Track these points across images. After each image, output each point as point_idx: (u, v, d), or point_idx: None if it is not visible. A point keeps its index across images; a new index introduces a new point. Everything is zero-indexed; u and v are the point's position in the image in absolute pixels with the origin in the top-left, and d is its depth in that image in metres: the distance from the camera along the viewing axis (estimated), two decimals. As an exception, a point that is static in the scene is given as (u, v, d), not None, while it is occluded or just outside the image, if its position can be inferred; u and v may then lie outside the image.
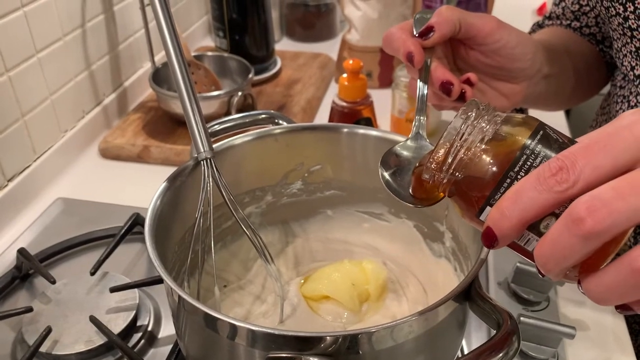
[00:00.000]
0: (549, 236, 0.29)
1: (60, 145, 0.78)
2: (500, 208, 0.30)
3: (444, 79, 0.48)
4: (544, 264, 0.30)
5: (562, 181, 0.28)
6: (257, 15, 0.97)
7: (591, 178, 0.28)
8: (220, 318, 0.36)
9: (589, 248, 0.28)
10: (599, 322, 0.57)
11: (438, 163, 0.34)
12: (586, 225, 0.27)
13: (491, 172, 0.32)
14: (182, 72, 0.47)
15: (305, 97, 0.93)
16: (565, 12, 0.71)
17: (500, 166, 0.32)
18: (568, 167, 0.28)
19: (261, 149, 0.52)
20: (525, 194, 0.29)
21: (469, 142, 0.33)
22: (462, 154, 0.33)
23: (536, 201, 0.29)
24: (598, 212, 0.27)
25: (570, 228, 0.28)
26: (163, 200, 0.45)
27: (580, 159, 0.28)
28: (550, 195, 0.29)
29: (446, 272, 0.51)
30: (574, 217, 0.28)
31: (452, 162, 0.33)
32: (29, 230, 0.68)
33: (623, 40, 0.58)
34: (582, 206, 0.27)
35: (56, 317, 0.54)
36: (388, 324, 0.35)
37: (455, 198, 0.35)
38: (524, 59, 0.54)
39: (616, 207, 0.27)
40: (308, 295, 0.50)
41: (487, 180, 0.32)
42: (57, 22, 0.75)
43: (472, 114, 0.33)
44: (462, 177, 0.33)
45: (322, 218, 0.58)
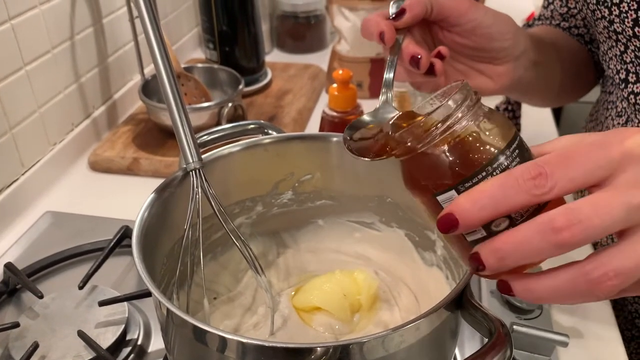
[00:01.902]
0: (519, 235, 0.30)
1: (49, 158, 0.77)
2: (472, 198, 0.31)
3: (413, 52, 0.50)
4: (501, 258, 0.31)
5: (540, 186, 0.30)
6: (247, 27, 0.97)
7: (565, 188, 0.30)
8: (210, 331, 0.35)
9: (553, 255, 0.30)
10: (592, 330, 0.56)
11: (426, 130, 0.33)
12: (563, 235, 0.29)
13: (470, 159, 0.32)
14: (170, 82, 0.47)
15: (296, 108, 0.93)
16: (553, 15, 0.72)
17: (480, 158, 0.32)
18: (547, 174, 0.30)
19: (251, 159, 0.52)
20: (502, 190, 0.30)
21: (462, 123, 0.33)
22: (454, 130, 0.33)
23: (511, 199, 0.30)
24: (575, 227, 0.29)
25: (545, 234, 0.29)
26: (151, 212, 0.44)
27: (558, 169, 0.30)
28: (526, 196, 0.30)
29: (438, 280, 0.51)
30: (552, 225, 0.29)
31: (440, 134, 0.33)
32: (16, 245, 0.67)
33: (608, 43, 0.58)
34: (561, 217, 0.29)
35: (44, 332, 0.53)
36: (379, 334, 0.34)
37: (410, 164, 0.35)
38: (503, 38, 0.54)
39: (592, 223, 0.29)
40: (299, 307, 0.50)
41: (462, 165, 0.32)
42: (46, 34, 0.75)
43: (469, 96, 0.33)
44: (439, 152, 0.33)
45: (313, 228, 0.57)
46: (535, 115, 0.88)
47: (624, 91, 0.58)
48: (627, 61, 0.57)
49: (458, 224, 0.31)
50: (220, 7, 0.94)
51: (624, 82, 0.58)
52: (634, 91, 0.57)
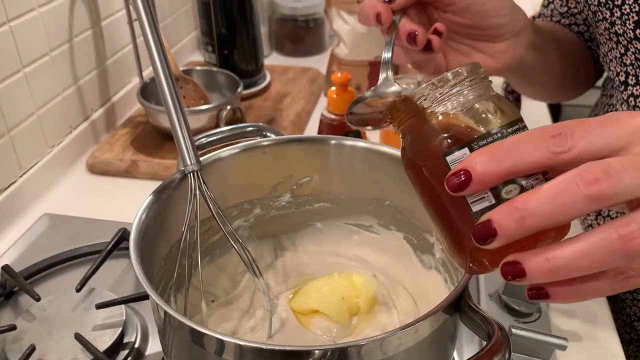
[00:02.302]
0: (551, 188, 0.28)
1: (47, 160, 0.77)
2: (489, 151, 0.30)
3: (410, 29, 0.50)
4: (522, 217, 0.28)
5: (560, 144, 0.29)
6: (246, 30, 0.97)
7: (584, 150, 0.29)
8: (207, 333, 0.35)
9: (587, 210, 0.28)
10: (590, 333, 0.56)
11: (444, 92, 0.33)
12: (600, 186, 0.28)
13: (487, 119, 0.32)
14: (169, 84, 0.47)
15: (294, 111, 0.93)
16: (553, 13, 0.72)
17: (497, 119, 0.32)
18: (567, 134, 0.29)
19: (249, 161, 0.52)
20: (522, 146, 0.29)
21: (478, 87, 0.33)
22: (472, 89, 0.33)
23: (530, 154, 0.29)
24: (612, 178, 0.28)
25: (582, 185, 0.28)
26: (149, 214, 0.44)
27: (578, 131, 0.30)
28: (545, 154, 0.29)
29: (437, 283, 0.51)
30: (589, 176, 0.28)
31: (455, 93, 0.33)
32: (14, 247, 0.67)
33: (609, 45, 0.58)
34: (598, 168, 0.28)
35: (40, 335, 0.52)
36: (377, 337, 0.34)
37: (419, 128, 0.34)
38: (499, 14, 0.53)
39: (625, 179, 0.28)
40: (297, 310, 0.49)
41: (481, 121, 0.32)
42: (44, 37, 0.75)
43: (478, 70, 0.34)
44: (453, 113, 0.33)
45: (311, 231, 0.57)
46: (534, 118, 0.88)
47: (624, 94, 0.58)
48: (627, 63, 0.57)
49: (471, 178, 0.29)
50: (219, 10, 0.94)
51: (623, 85, 0.58)
52: (634, 94, 0.57)
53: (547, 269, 0.29)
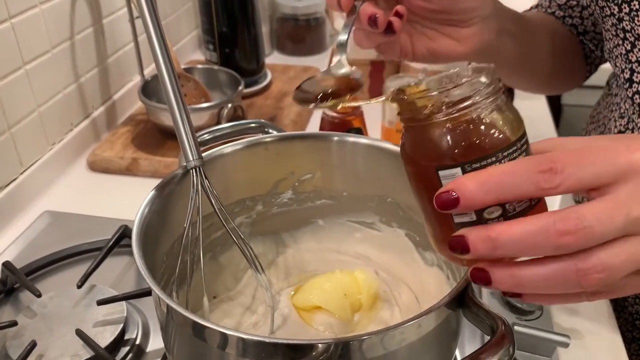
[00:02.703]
0: (519, 229, 0.30)
1: (47, 158, 0.77)
2: (479, 179, 0.31)
3: (370, 13, 0.50)
4: (493, 247, 0.31)
5: (548, 180, 0.30)
6: (247, 28, 0.97)
7: (571, 187, 0.31)
8: (210, 327, 0.35)
9: (554, 253, 0.30)
10: (593, 331, 0.56)
11: (449, 103, 0.32)
12: (566, 239, 0.29)
13: (484, 142, 0.32)
14: (171, 79, 0.47)
15: (295, 110, 0.93)
16: (551, 4, 0.72)
17: (495, 142, 0.32)
18: (558, 170, 0.30)
19: (251, 157, 0.52)
20: (511, 178, 0.30)
21: (486, 103, 0.32)
22: (477, 108, 0.32)
23: (517, 188, 0.30)
24: (580, 232, 0.29)
25: (549, 234, 0.30)
26: (151, 209, 0.44)
27: (569, 168, 0.30)
28: (532, 188, 0.30)
29: (439, 280, 0.51)
30: (557, 227, 0.29)
31: (462, 108, 0.32)
32: (14, 244, 0.67)
33: (615, 41, 0.58)
34: (568, 221, 0.29)
35: (41, 331, 0.52)
36: (379, 331, 0.34)
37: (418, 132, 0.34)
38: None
39: (593, 231, 0.30)
40: (299, 306, 0.49)
41: (475, 146, 0.32)
42: (45, 34, 0.75)
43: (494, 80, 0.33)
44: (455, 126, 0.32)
45: (313, 228, 0.57)
46: (535, 117, 0.88)
47: (628, 91, 0.58)
48: (632, 60, 0.57)
49: (458, 203, 0.31)
50: (221, 9, 0.94)
51: (628, 82, 0.58)
52: (639, 91, 0.57)
53: (511, 283, 0.32)
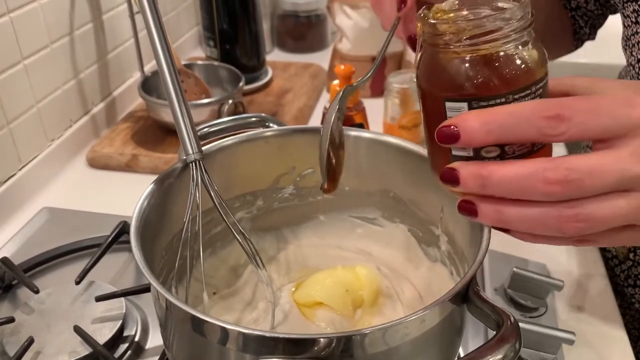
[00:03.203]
0: (510, 171, 0.30)
1: (46, 154, 0.77)
2: (483, 119, 0.30)
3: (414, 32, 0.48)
4: (483, 185, 0.31)
5: (553, 127, 0.30)
6: (248, 25, 0.96)
7: (576, 135, 0.30)
8: (210, 321, 0.34)
9: (541, 198, 0.30)
10: (598, 328, 0.55)
11: (473, 34, 0.31)
12: (553, 188, 0.29)
13: (497, 80, 0.31)
14: (171, 73, 0.46)
15: (296, 106, 0.93)
16: None
17: (507, 83, 0.31)
18: (565, 117, 0.30)
19: (252, 151, 0.51)
20: (515, 120, 0.30)
21: (511, 40, 0.31)
22: (500, 44, 0.31)
23: (520, 131, 0.30)
24: (568, 184, 0.29)
25: (538, 180, 0.30)
26: (150, 202, 0.43)
27: (578, 116, 0.30)
28: (535, 133, 0.30)
29: (442, 276, 0.50)
30: (546, 175, 0.29)
31: (485, 42, 0.31)
32: (13, 240, 0.66)
33: (633, 29, 0.57)
34: (558, 171, 0.29)
35: (39, 328, 0.52)
36: (382, 325, 0.34)
37: (434, 58, 0.33)
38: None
39: (583, 184, 0.29)
40: (300, 302, 0.49)
41: (487, 83, 0.31)
42: (44, 29, 0.74)
43: (527, 15, 0.32)
44: (472, 59, 0.31)
45: (315, 223, 0.56)
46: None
47: None
48: None
49: (458, 139, 0.31)
50: (221, 5, 0.93)
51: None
52: None
53: (495, 218, 0.33)
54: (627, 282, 0.64)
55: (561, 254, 0.64)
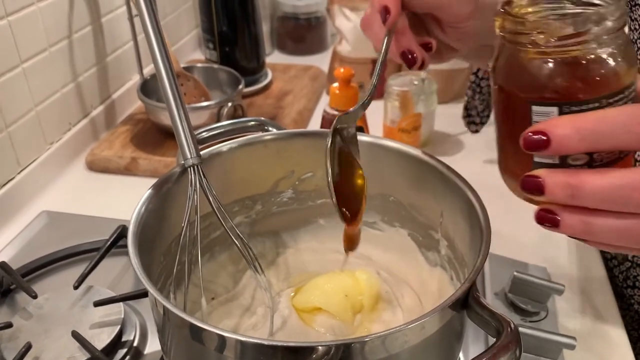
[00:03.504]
0: (604, 182, 0.28)
1: (45, 157, 0.76)
2: (577, 125, 0.28)
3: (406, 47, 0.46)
4: (572, 195, 0.29)
5: None
6: (247, 27, 0.96)
7: None
8: (207, 329, 0.34)
9: (629, 211, 0.29)
10: (599, 332, 0.55)
11: (564, 36, 0.29)
12: None
13: (591, 83, 0.29)
14: (169, 76, 0.46)
15: (296, 109, 0.92)
16: None
17: (603, 86, 0.29)
18: None
19: (250, 155, 0.51)
20: (611, 127, 0.28)
21: (605, 41, 0.29)
22: (594, 46, 0.29)
23: (615, 139, 0.28)
24: None
25: (636, 192, 0.28)
26: (148, 208, 0.43)
27: None
28: (633, 140, 0.28)
29: (442, 281, 0.50)
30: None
31: (576, 43, 0.29)
32: (11, 244, 0.66)
33: (636, 34, 0.56)
34: None
35: (37, 333, 0.51)
36: (382, 333, 0.33)
37: (519, 58, 0.30)
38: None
39: None
40: (299, 307, 0.48)
41: (580, 86, 0.29)
42: (43, 32, 0.74)
43: (624, 14, 0.30)
44: (563, 61, 0.29)
45: (314, 228, 0.56)
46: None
47: None
48: None
49: (548, 146, 0.29)
50: (221, 7, 0.93)
51: None
52: None
53: (581, 229, 0.30)
54: (626, 283, 0.64)
55: (562, 258, 0.64)
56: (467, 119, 0.79)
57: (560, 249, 0.65)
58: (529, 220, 0.34)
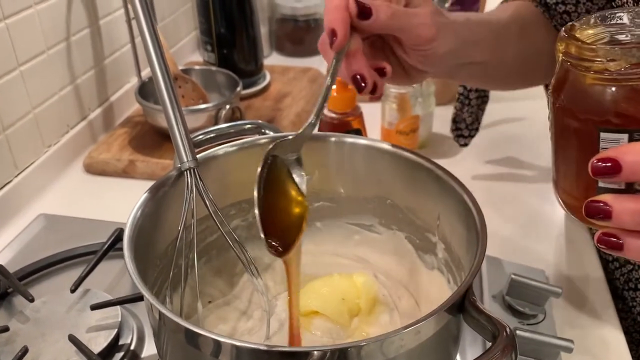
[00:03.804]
0: None
1: (43, 160, 0.76)
2: None
3: (356, 71, 0.44)
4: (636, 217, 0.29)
5: None
6: (245, 29, 0.96)
7: None
8: (203, 334, 0.34)
9: None
10: (597, 335, 0.55)
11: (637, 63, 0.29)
12: None
13: None
14: (165, 79, 0.46)
15: (294, 111, 0.92)
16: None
17: None
18: None
19: (247, 159, 0.51)
20: None
21: None
22: None
23: None
24: None
25: None
26: (144, 212, 0.43)
27: None
28: None
29: (439, 284, 0.50)
30: None
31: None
32: (9, 247, 0.65)
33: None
34: None
35: (34, 337, 0.51)
36: (378, 337, 0.33)
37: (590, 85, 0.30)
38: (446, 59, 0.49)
39: None
40: (296, 311, 0.48)
41: None
42: (41, 35, 0.74)
43: None
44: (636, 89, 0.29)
45: (311, 231, 0.56)
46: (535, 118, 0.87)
47: None
48: None
49: (619, 173, 0.29)
50: (219, 9, 0.93)
51: None
52: None
53: None
54: (628, 286, 0.64)
55: (560, 260, 0.64)
56: (455, 132, 0.78)
57: (559, 251, 0.65)
58: (527, 222, 0.34)
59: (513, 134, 0.88)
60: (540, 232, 0.67)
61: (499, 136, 0.87)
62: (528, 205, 0.71)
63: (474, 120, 0.76)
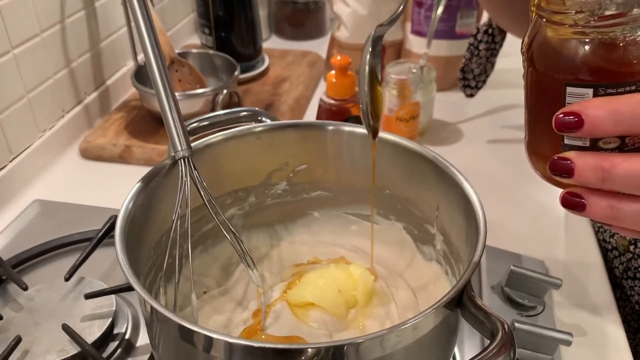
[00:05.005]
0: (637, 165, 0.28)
1: (38, 145, 0.75)
2: (612, 107, 0.28)
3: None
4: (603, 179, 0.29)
5: None
6: (244, 12, 0.94)
7: None
8: (195, 330, 0.33)
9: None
10: (596, 327, 0.54)
11: (605, 16, 0.28)
12: None
13: (630, 65, 0.28)
14: (158, 64, 0.44)
15: (293, 96, 0.91)
16: None
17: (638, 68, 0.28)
18: None
19: (243, 147, 0.50)
20: None
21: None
22: (631, 26, 0.28)
23: None
24: None
25: None
26: (137, 202, 0.42)
27: None
28: None
29: (437, 276, 0.49)
30: None
31: (617, 23, 0.28)
32: (2, 234, 0.65)
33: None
34: None
35: (27, 326, 0.51)
36: (375, 334, 0.33)
37: (557, 38, 0.30)
38: None
39: None
40: (293, 302, 0.48)
41: (616, 68, 0.28)
42: (34, 17, 0.72)
43: None
44: (600, 42, 0.28)
45: (308, 220, 0.55)
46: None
47: None
48: None
49: (581, 128, 0.28)
50: (217, -9, 0.91)
51: None
52: None
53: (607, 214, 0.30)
54: (627, 275, 0.63)
55: (560, 251, 0.63)
56: (462, 82, 0.78)
57: (559, 242, 0.64)
58: (527, 212, 0.33)
59: (515, 121, 0.86)
60: (541, 223, 0.66)
61: (501, 123, 0.86)
62: (529, 195, 0.70)
63: (482, 72, 0.76)
